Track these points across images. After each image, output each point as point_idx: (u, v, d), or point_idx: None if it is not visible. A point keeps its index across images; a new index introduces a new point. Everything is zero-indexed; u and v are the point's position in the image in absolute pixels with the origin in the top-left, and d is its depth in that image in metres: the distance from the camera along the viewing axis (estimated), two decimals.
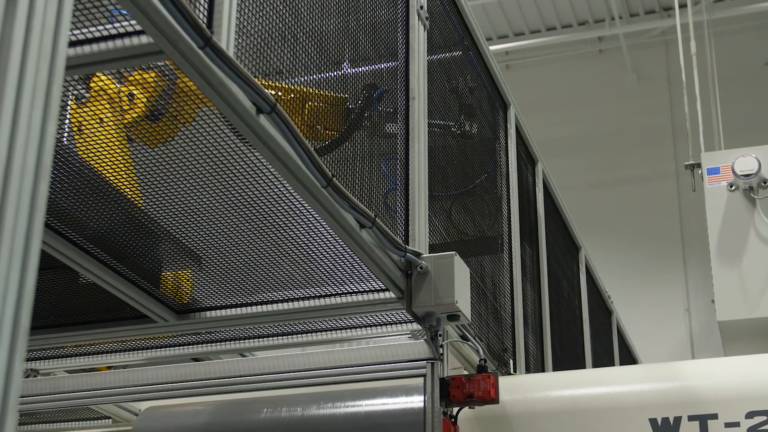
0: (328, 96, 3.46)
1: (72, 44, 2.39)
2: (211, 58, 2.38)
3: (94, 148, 3.17)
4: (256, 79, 2.57)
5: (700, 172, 6.93)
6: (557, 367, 6.03)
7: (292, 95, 3.09)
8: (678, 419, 3.88)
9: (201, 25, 2.30)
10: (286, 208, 3.33)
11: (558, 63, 15.75)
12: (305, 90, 3.27)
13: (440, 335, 3.77)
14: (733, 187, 6.62)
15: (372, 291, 3.77)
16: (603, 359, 7.95)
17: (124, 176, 3.22)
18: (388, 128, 3.86)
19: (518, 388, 4.27)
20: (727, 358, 5.05)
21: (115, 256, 3.65)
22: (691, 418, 3.87)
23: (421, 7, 4.09)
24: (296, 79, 3.17)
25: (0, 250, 1.43)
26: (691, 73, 8.20)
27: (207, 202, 3.35)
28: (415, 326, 4.08)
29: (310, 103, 3.36)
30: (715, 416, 3.84)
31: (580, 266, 7.55)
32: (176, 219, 3.48)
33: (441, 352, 3.77)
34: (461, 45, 4.96)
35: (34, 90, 1.52)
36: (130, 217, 3.42)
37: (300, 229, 3.48)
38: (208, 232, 3.57)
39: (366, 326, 4.27)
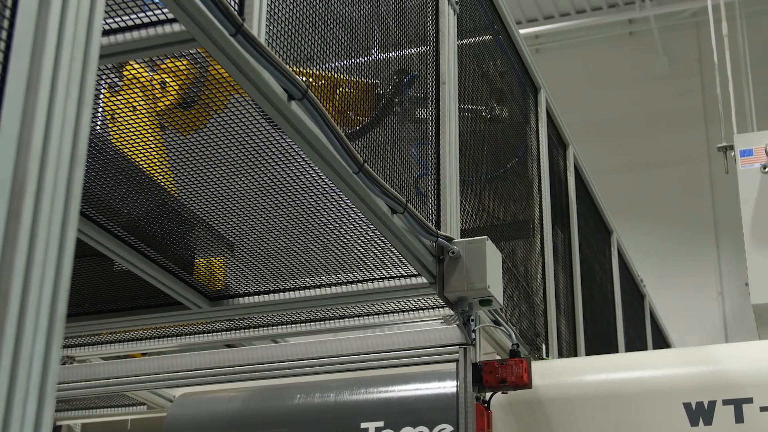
0: (358, 82, 3.46)
1: (105, 33, 2.40)
2: (242, 45, 2.39)
3: (128, 136, 3.18)
4: (288, 66, 2.57)
5: (732, 154, 6.86)
6: (590, 352, 6.01)
7: (323, 82, 3.09)
8: (712, 403, 3.86)
9: (232, 12, 2.31)
10: (318, 194, 3.34)
11: (588, 46, 15.65)
12: (336, 76, 3.27)
13: (472, 320, 3.77)
14: (767, 169, 6.56)
15: (404, 276, 3.78)
16: (636, 343, 7.91)
17: (158, 164, 3.24)
18: (418, 113, 3.85)
19: (551, 373, 4.26)
20: (761, 341, 5.02)
21: (149, 244, 3.68)
22: (725, 402, 3.84)
23: None
24: (327, 65, 3.17)
25: (37, 239, 1.44)
26: (722, 55, 8.12)
27: (239, 189, 3.36)
28: (448, 311, 4.09)
29: (340, 90, 3.36)
30: (750, 400, 3.81)
31: (612, 250, 7.52)
32: (209, 206, 3.50)
33: (473, 337, 3.77)
34: (491, 29, 4.94)
35: (69, 79, 1.53)
36: (163, 204, 3.43)
37: (332, 215, 3.48)
38: (240, 219, 3.58)
39: (398, 312, 4.28)
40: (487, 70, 4.81)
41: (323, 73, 3.14)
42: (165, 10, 2.35)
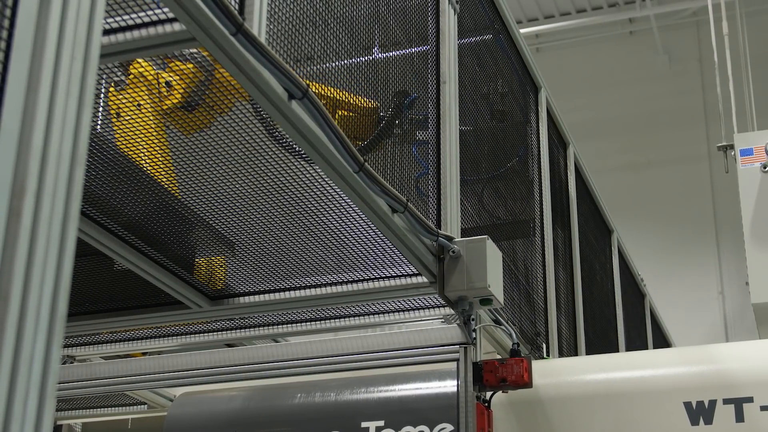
0: (358, 105, 3.45)
1: (106, 32, 2.40)
2: (243, 44, 2.39)
3: (131, 134, 3.18)
4: (288, 65, 2.57)
5: (733, 153, 6.85)
6: (590, 351, 6.01)
7: (324, 102, 3.09)
8: (713, 402, 3.86)
9: (233, 11, 2.31)
10: (319, 194, 3.34)
11: (588, 45, 15.65)
12: (336, 97, 3.27)
13: (473, 319, 3.77)
14: (767, 168, 6.56)
15: (404, 276, 3.77)
16: (636, 343, 7.92)
17: (160, 163, 3.23)
18: (419, 136, 3.85)
19: (551, 372, 4.26)
20: (762, 340, 5.02)
21: (149, 243, 3.67)
22: (726, 401, 3.84)
23: None
24: (328, 65, 3.17)
25: (37, 238, 1.43)
26: (723, 54, 8.11)
27: (240, 189, 3.36)
28: (448, 311, 4.08)
29: (340, 112, 3.36)
30: (750, 399, 3.81)
31: (612, 249, 7.52)
32: (210, 206, 3.49)
33: (474, 336, 3.77)
34: (491, 28, 4.94)
35: (69, 78, 1.53)
36: (164, 204, 3.43)
37: (333, 214, 3.48)
38: (241, 219, 3.58)
39: (399, 311, 4.28)
40: (487, 69, 4.81)
41: (324, 92, 3.14)
42: (165, 10, 2.34)
